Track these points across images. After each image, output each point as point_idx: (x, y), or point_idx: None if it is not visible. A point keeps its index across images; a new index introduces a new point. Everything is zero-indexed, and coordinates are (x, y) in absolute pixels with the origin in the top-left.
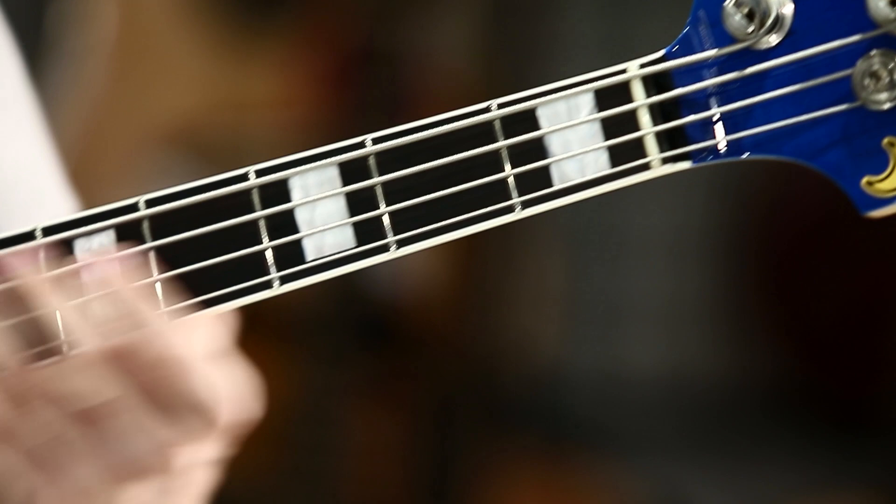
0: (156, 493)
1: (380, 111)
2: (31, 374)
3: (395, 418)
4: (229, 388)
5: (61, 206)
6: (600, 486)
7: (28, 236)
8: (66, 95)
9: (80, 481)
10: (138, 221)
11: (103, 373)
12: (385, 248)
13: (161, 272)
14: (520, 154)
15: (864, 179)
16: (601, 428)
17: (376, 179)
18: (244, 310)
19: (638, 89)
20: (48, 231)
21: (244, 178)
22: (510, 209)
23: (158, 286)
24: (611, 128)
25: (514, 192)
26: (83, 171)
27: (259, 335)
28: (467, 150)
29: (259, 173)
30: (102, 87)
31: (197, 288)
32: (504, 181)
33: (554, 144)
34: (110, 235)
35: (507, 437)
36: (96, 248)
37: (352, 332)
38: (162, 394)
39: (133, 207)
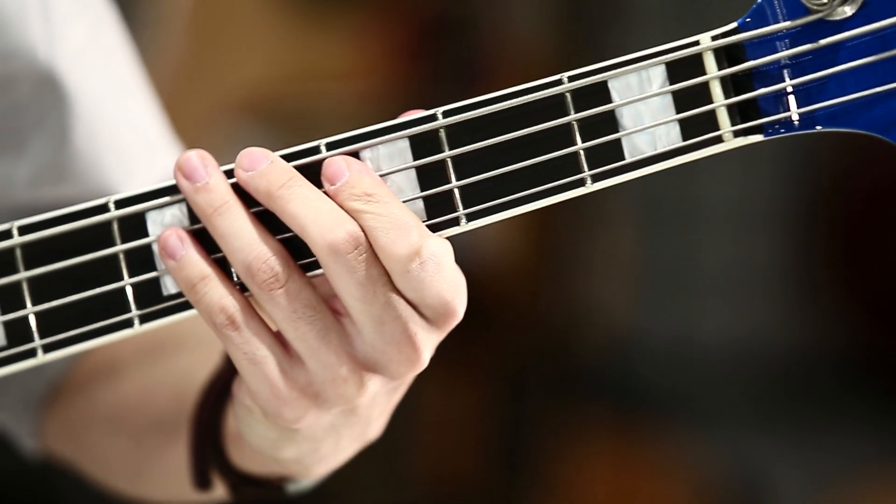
0: (390, 391)
1: (453, 82)
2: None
3: (470, 388)
4: (462, 289)
5: (169, 159)
6: (672, 455)
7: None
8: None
9: (331, 371)
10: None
11: (356, 260)
12: (455, 222)
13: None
14: (591, 127)
15: None
16: (673, 397)
17: (447, 153)
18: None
19: (710, 61)
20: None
21: (316, 150)
22: (581, 183)
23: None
24: (682, 100)
25: (585, 166)
26: None
27: None
28: (538, 122)
29: (330, 146)
30: (180, 56)
31: None
32: (575, 154)
33: (625, 117)
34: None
35: (579, 406)
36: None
37: None
38: (409, 285)
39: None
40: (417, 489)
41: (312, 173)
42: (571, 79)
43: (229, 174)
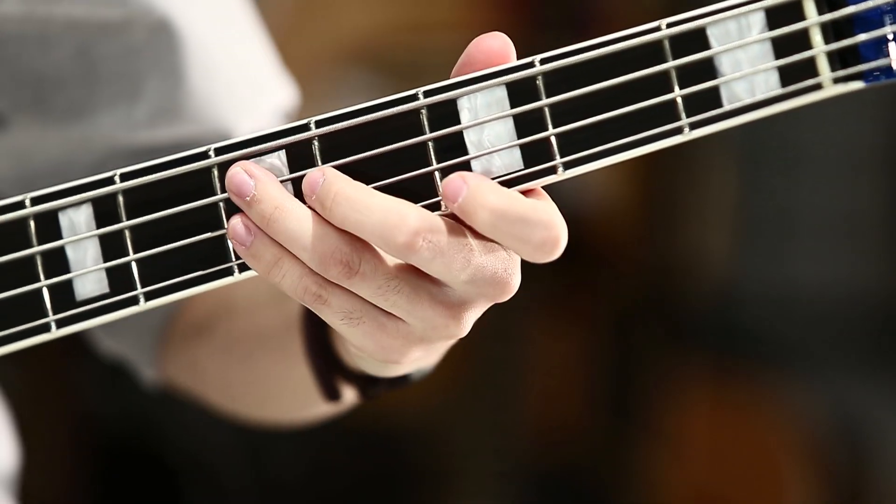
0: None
1: (559, 31)
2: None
3: (575, 334)
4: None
5: (283, 98)
6: (774, 400)
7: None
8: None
9: (430, 322)
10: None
11: (432, 244)
12: (552, 171)
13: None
14: (688, 74)
15: None
16: (775, 343)
17: (544, 101)
18: None
19: (810, 7)
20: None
21: (413, 98)
22: (678, 130)
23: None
24: (781, 47)
25: (683, 113)
26: None
27: None
28: (636, 70)
29: (427, 94)
30: (288, 3)
31: None
32: (672, 102)
33: (724, 64)
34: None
35: (682, 352)
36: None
37: None
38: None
39: (305, 127)
40: (524, 435)
41: (410, 124)
42: (670, 25)
43: (328, 122)
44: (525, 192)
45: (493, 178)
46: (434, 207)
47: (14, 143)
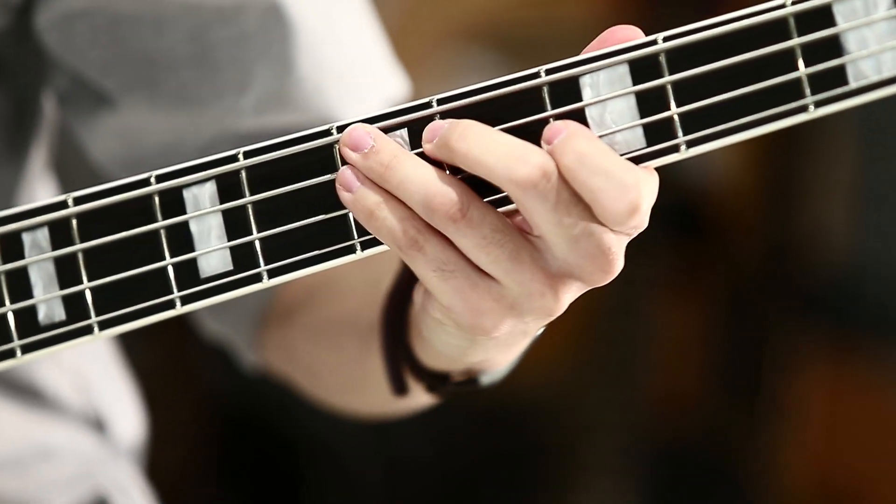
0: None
1: (678, 6)
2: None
3: (696, 308)
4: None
5: (394, 89)
6: (892, 376)
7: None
8: None
9: (527, 287)
10: (430, 118)
11: (546, 189)
12: (675, 149)
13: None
14: (814, 52)
15: None
16: (893, 318)
17: (667, 78)
18: None
19: None
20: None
21: (535, 76)
22: (803, 108)
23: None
24: None
25: (808, 91)
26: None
27: None
28: (760, 47)
29: (549, 72)
30: None
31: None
32: (798, 80)
33: (850, 42)
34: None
35: (802, 327)
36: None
37: (653, 225)
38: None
39: (426, 105)
40: (645, 410)
41: (531, 101)
42: (795, 2)
43: (449, 100)
44: None
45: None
46: None
47: (122, 123)
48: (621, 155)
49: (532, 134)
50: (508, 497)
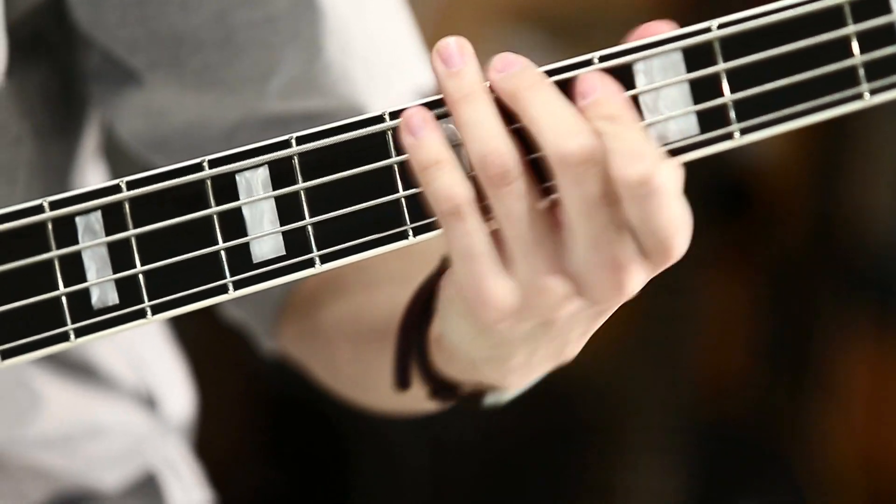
0: (592, 316)
1: None
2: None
3: (742, 287)
4: (685, 227)
5: (422, 79)
6: None
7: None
8: None
9: (537, 277)
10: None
11: (587, 174)
12: (729, 136)
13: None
14: (869, 39)
15: None
16: None
17: (721, 66)
18: None
19: None
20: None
21: (588, 63)
22: (858, 96)
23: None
24: None
25: (863, 79)
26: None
27: None
28: (815, 34)
29: (603, 59)
30: None
31: None
32: (853, 68)
33: None
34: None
35: (844, 307)
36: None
37: (699, 203)
38: (633, 212)
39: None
40: (692, 389)
41: None
42: None
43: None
44: None
45: (668, 144)
46: None
47: (149, 101)
48: (675, 142)
49: None
50: (554, 477)
